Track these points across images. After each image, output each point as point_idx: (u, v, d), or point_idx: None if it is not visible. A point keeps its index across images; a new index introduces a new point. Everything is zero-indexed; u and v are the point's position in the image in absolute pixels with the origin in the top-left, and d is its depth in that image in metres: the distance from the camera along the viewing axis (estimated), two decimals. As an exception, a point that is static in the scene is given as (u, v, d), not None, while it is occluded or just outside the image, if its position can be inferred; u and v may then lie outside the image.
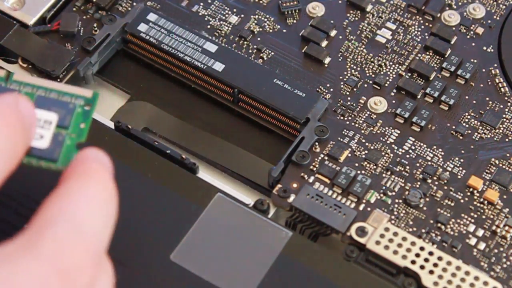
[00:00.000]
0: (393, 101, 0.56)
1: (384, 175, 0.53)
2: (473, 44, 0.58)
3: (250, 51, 0.57)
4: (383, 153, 0.53)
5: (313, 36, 0.58)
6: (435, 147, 0.54)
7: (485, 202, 0.52)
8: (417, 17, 0.59)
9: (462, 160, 0.53)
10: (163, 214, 0.50)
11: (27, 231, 0.38)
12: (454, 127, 0.55)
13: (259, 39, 0.58)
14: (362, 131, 0.54)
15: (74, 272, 0.37)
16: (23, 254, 0.36)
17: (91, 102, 0.46)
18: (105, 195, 0.40)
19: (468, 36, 0.58)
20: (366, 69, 0.57)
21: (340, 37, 0.58)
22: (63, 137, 0.46)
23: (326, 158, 0.53)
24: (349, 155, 0.53)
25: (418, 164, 0.53)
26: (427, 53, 0.57)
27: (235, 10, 0.59)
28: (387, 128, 0.55)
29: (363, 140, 0.54)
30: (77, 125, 0.46)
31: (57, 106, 0.45)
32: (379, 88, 0.56)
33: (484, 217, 0.51)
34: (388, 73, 0.57)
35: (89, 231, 0.38)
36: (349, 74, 0.57)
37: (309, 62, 0.57)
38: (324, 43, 0.58)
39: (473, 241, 0.50)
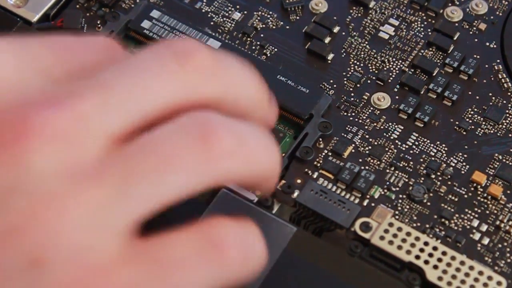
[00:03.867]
0: (397, 97, 0.56)
1: (387, 170, 0.53)
2: (476, 40, 0.58)
3: (254, 47, 0.58)
4: (386, 149, 0.54)
5: (316, 33, 0.58)
6: (438, 142, 0.54)
7: (489, 197, 0.52)
8: (420, 13, 0.59)
9: (465, 156, 0.53)
10: (167, 211, 0.50)
11: None
12: (457, 122, 0.55)
13: (262, 35, 0.58)
14: (366, 127, 0.54)
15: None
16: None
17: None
18: None
19: (471, 32, 0.58)
20: (369, 65, 0.57)
21: (343, 33, 0.58)
22: None
23: (330, 154, 0.53)
24: (353, 150, 0.53)
25: (421, 160, 0.53)
26: (430, 49, 0.57)
27: (238, 6, 0.59)
28: (390, 123, 0.55)
29: (367, 136, 0.54)
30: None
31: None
32: (382, 84, 0.56)
33: (488, 212, 0.51)
34: (391, 69, 0.57)
35: None
36: (352, 70, 0.57)
37: (312, 58, 0.57)
38: (327, 40, 0.58)
39: (477, 236, 0.51)
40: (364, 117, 0.55)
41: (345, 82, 0.56)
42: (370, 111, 0.55)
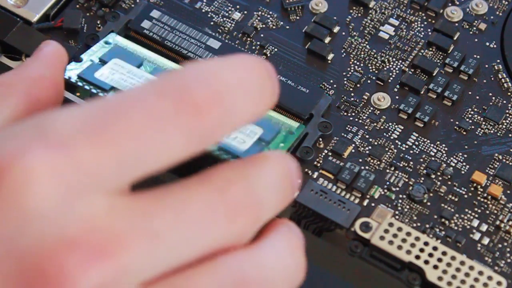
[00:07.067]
0: (397, 97, 0.56)
1: (388, 170, 0.53)
2: (476, 40, 0.58)
3: (254, 47, 0.58)
4: (386, 149, 0.54)
5: (316, 33, 0.58)
6: (438, 142, 0.54)
7: (489, 197, 0.52)
8: (420, 13, 0.59)
9: (465, 156, 0.53)
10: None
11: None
12: (457, 122, 0.55)
13: (262, 35, 0.58)
14: (366, 127, 0.54)
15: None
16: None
17: (295, 131, 0.52)
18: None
19: (471, 32, 0.58)
20: (369, 65, 0.57)
21: (343, 33, 0.58)
22: (262, 147, 0.51)
23: (330, 153, 0.53)
24: (353, 150, 0.53)
25: (421, 160, 0.53)
26: (430, 49, 0.57)
27: (238, 6, 0.59)
28: (390, 123, 0.55)
29: (367, 136, 0.54)
30: (277, 143, 0.51)
31: (266, 125, 0.50)
32: (382, 84, 0.56)
33: (488, 212, 0.51)
34: (391, 69, 0.57)
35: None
36: (352, 70, 0.57)
37: (312, 58, 0.57)
38: (327, 39, 0.58)
39: (477, 236, 0.51)
40: (364, 117, 0.55)
41: (345, 82, 0.56)
42: (370, 111, 0.55)
